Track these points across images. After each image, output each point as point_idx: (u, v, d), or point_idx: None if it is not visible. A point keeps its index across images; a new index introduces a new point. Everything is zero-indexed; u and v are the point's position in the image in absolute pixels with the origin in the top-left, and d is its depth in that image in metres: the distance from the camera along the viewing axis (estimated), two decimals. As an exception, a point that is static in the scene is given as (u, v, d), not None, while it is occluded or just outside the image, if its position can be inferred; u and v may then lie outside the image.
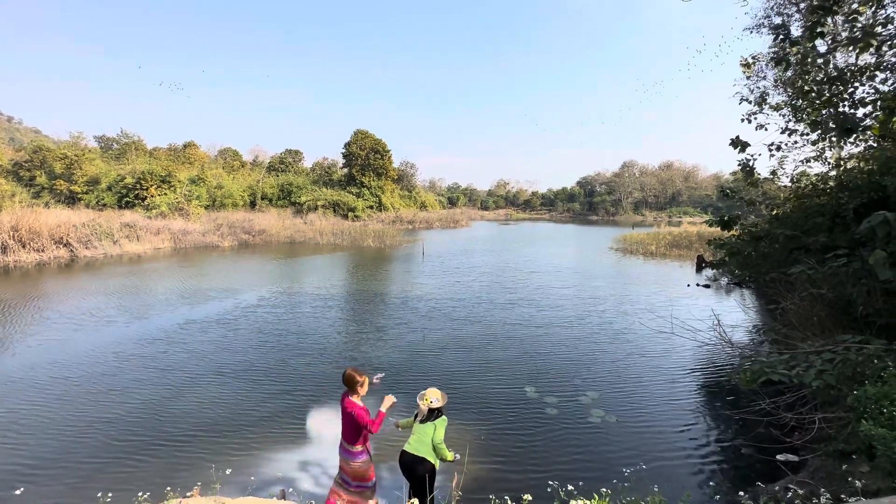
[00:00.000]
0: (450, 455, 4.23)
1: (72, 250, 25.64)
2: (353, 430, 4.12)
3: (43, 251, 24.62)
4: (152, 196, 39.12)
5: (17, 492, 4.23)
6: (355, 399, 4.19)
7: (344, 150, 60.94)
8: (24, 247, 24.22)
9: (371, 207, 57.37)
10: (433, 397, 4.37)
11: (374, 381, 4.47)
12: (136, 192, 40.25)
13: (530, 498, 2.46)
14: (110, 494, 4.04)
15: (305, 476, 5.59)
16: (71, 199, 43.27)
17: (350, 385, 4.20)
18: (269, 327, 12.14)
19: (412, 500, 3.12)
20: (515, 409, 7.50)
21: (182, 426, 6.83)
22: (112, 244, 27.83)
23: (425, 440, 4.19)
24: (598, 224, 72.39)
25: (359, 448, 4.17)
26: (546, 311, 14.12)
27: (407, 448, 4.24)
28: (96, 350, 10.23)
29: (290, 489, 4.72)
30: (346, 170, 62.01)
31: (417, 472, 4.08)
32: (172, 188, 40.76)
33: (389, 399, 4.34)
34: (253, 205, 51.88)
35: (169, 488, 3.87)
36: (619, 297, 16.32)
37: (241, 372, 9.02)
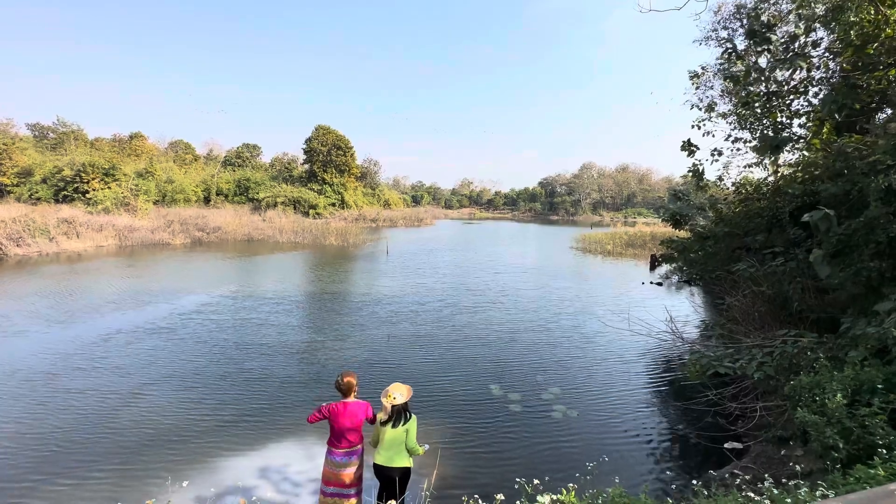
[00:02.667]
0: (421, 450, 4.19)
1: (0, 248, 23.47)
2: (356, 429, 4.11)
3: (-35, 249, 22.39)
4: (94, 190, 36.43)
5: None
6: (352, 399, 4.16)
7: (305, 146, 59.31)
8: (-58, 244, 21.94)
9: (333, 205, 56.18)
10: (396, 393, 4.15)
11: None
12: (76, 185, 37.34)
13: (503, 497, 2.51)
14: (52, 513, 3.77)
15: (266, 483, 5.41)
16: (-1, 193, 39.61)
17: (349, 391, 4.15)
18: (223, 330, 11.62)
19: (389, 503, 3.10)
20: (481, 407, 7.61)
21: (129, 437, 6.42)
22: (48, 241, 25.68)
23: (398, 447, 4.05)
24: (558, 224, 74.45)
25: (358, 445, 4.14)
26: (509, 311, 14.39)
27: (380, 461, 4.03)
28: (27, 357, 9.42)
29: (254, 497, 4.56)
30: (307, 166, 60.39)
31: (393, 476, 4.01)
32: (117, 182, 38.12)
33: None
34: (207, 200, 49.49)
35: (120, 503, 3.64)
36: (580, 296, 16.88)
37: (192, 378, 8.58)
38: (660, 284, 19.61)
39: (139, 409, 7.27)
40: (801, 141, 10.96)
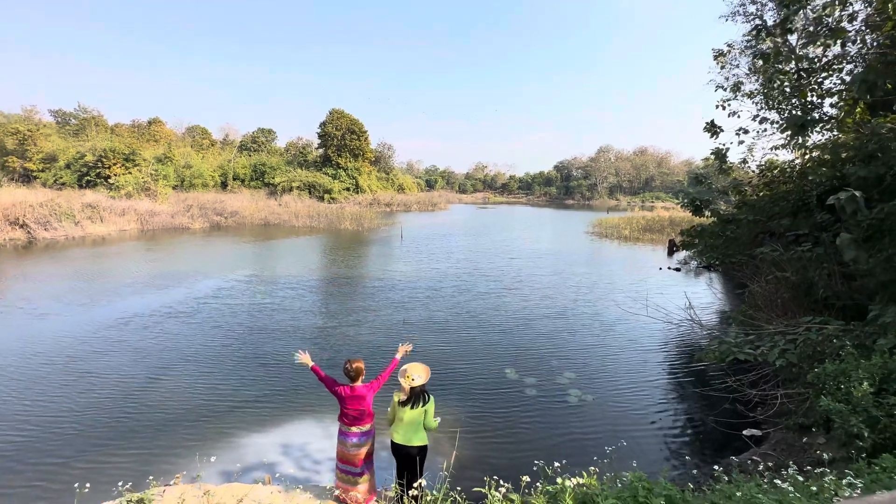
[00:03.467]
0: (436, 423, 4.19)
1: (29, 232, 24.26)
2: (365, 411, 4.14)
3: (-3, 233, 23.21)
4: (116, 175, 37.23)
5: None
6: (359, 383, 4.18)
7: (319, 130, 59.35)
8: (-25, 228, 22.77)
9: (348, 189, 56.38)
10: (415, 374, 4.08)
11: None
12: (98, 170, 38.22)
13: (528, 479, 2.54)
14: (88, 484, 3.95)
15: (287, 460, 5.59)
16: (26, 178, 40.79)
17: (357, 377, 4.16)
18: (245, 312, 11.89)
19: (416, 484, 3.16)
20: (496, 390, 7.67)
21: (159, 413, 6.68)
22: (73, 225, 26.45)
23: (417, 428, 4.07)
24: (574, 208, 73.50)
25: (369, 426, 4.19)
26: (524, 296, 14.36)
27: (398, 440, 4.08)
28: (63, 337, 9.82)
29: (277, 474, 4.71)
30: (321, 150, 60.52)
31: (411, 454, 4.07)
32: (137, 167, 38.86)
33: (405, 347, 4.48)
34: (224, 185, 50.18)
35: (151, 477, 3.80)
36: (595, 281, 16.74)
37: (216, 358, 8.85)
38: (678, 270, 19.30)
39: (164, 388, 7.53)
40: (833, 121, 10.52)
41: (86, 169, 39.05)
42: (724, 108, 12.08)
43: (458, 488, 3.32)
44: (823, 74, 10.32)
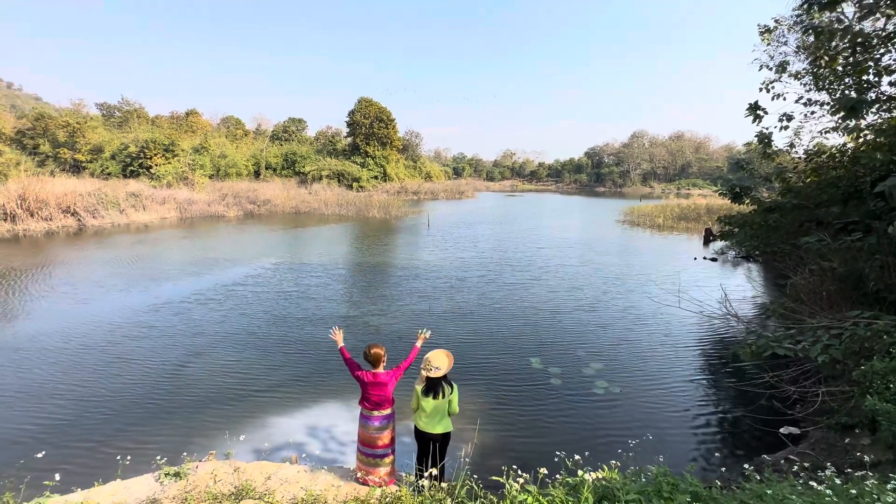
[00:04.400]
0: (457, 409, 4.22)
1: (79, 219, 25.75)
2: (386, 397, 4.19)
3: (51, 220, 24.74)
4: (157, 165, 38.89)
5: (39, 455, 4.39)
6: (381, 369, 4.24)
7: (348, 119, 59.89)
8: (32, 216, 24.33)
9: (376, 178, 56.86)
10: (436, 364, 4.04)
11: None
12: (140, 160, 40.02)
13: (545, 471, 2.51)
14: (129, 458, 4.20)
15: (314, 441, 5.76)
16: (76, 168, 43.14)
17: (377, 362, 4.21)
18: (275, 297, 12.27)
19: (436, 468, 3.19)
20: (521, 379, 7.63)
21: (194, 393, 7.02)
22: (119, 213, 27.90)
23: (441, 416, 4.10)
24: (605, 196, 71.58)
25: (390, 410, 4.25)
26: (551, 286, 14.16)
27: (421, 427, 4.10)
28: (106, 318, 10.43)
29: (303, 454, 4.87)
30: (350, 139, 61.13)
31: (434, 441, 4.10)
32: (176, 157, 40.45)
33: (423, 334, 4.50)
34: (257, 174, 51.55)
35: (185, 453, 3.99)
36: (626, 271, 16.30)
37: (248, 341, 9.19)
38: (714, 260, 18.52)
39: (197, 372, 7.88)
40: (891, 101, 9.70)
41: (129, 159, 40.96)
42: (767, 91, 11.34)
43: (475, 477, 3.32)
44: (882, 50, 9.50)
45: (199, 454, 4.71)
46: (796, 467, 3.67)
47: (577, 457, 3.06)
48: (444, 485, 3.31)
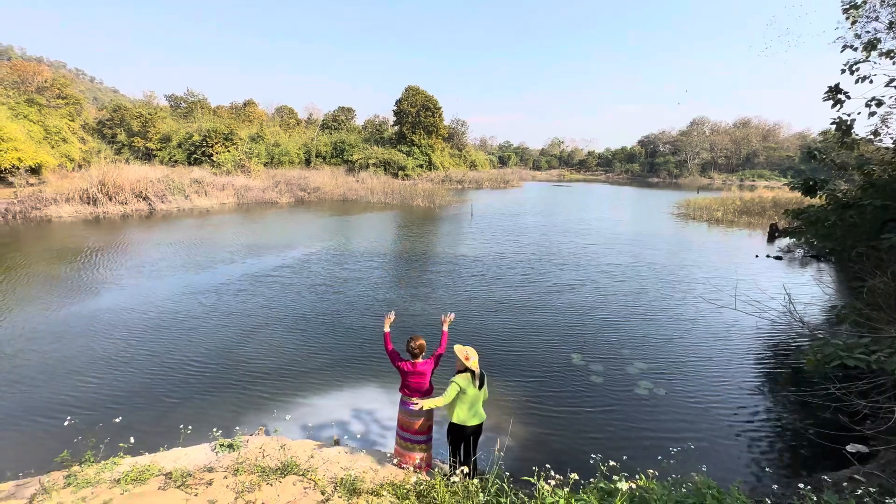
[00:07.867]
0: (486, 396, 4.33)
1: (150, 204, 27.98)
2: (425, 385, 4.32)
3: (126, 204, 27.07)
4: (217, 153, 41.34)
5: (117, 420, 4.87)
6: (420, 360, 4.35)
7: (395, 108, 60.51)
8: (110, 199, 26.75)
9: (421, 166, 57.27)
10: (473, 355, 4.11)
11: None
12: (203, 149, 42.71)
13: (576, 476, 2.47)
14: (190, 427, 4.56)
15: (357, 423, 6.00)
16: (147, 156, 46.76)
17: (420, 353, 4.34)
18: (323, 282, 12.77)
19: (463, 467, 3.23)
20: (560, 374, 7.51)
21: (246, 370, 7.50)
22: (184, 199, 30.01)
23: (477, 406, 4.16)
24: (658, 187, 68.06)
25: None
26: (598, 279, 13.74)
27: (465, 422, 4.09)
28: (171, 296, 11.32)
29: (345, 436, 5.08)
30: (396, 128, 61.81)
31: (470, 434, 4.16)
32: (235, 146, 42.79)
33: (448, 317, 4.68)
34: (308, 162, 53.45)
35: (238, 427, 4.28)
36: (678, 267, 15.49)
37: (298, 323, 9.66)
38: (779, 259, 17.16)
39: (252, 348, 8.40)
40: None
41: (193, 148, 43.84)
42: (851, 73, 10.21)
43: (507, 474, 3.33)
44: None
45: (250, 428, 5.05)
46: (861, 490, 3.37)
47: (612, 462, 2.98)
48: (475, 480, 3.35)
